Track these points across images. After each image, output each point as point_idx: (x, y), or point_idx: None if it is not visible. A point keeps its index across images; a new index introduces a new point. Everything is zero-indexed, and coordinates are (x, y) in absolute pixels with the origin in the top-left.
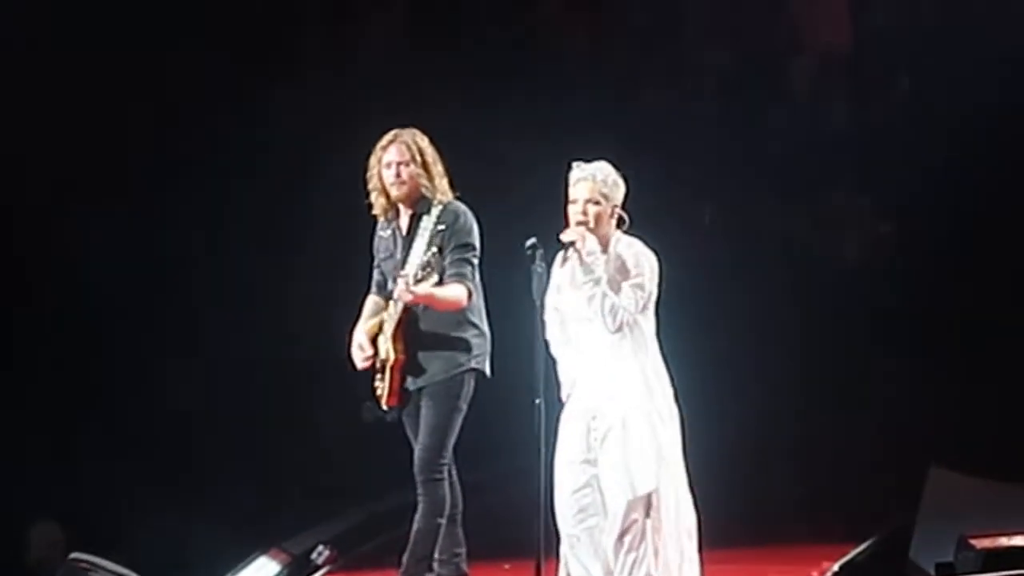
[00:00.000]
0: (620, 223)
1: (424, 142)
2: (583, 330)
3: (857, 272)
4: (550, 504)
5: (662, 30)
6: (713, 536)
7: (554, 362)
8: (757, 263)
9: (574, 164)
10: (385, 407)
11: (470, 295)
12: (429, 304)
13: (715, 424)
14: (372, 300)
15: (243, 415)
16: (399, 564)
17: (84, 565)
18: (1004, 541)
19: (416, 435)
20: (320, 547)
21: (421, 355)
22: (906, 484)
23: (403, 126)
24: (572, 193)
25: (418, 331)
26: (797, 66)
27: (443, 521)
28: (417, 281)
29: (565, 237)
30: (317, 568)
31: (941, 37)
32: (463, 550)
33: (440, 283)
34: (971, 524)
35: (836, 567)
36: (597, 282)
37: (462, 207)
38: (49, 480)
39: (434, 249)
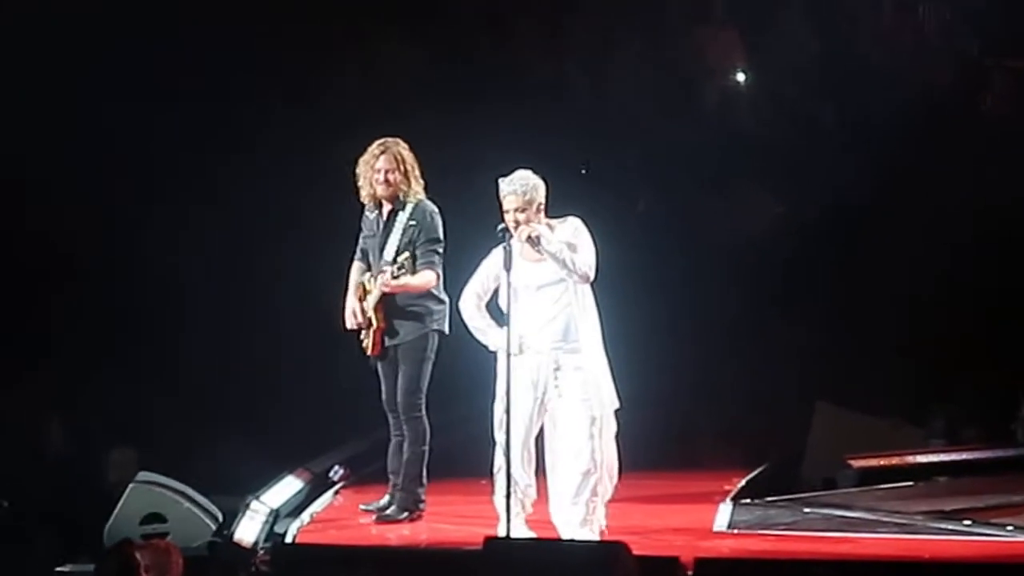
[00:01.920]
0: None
1: (407, 152)
2: (533, 296)
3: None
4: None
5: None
6: (643, 460)
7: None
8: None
9: (500, 180)
10: (370, 355)
11: (437, 278)
12: (405, 291)
13: (643, 369)
14: (356, 266)
15: (275, 364)
16: (389, 479)
17: (150, 481)
18: (875, 462)
19: (388, 380)
20: (336, 467)
21: (395, 321)
22: (797, 417)
23: (391, 135)
24: (504, 204)
25: (394, 304)
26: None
27: (426, 448)
28: (395, 277)
29: (522, 236)
30: (333, 484)
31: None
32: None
33: (413, 268)
34: (849, 448)
35: (743, 482)
36: (561, 251)
37: (431, 206)
38: (122, 410)
39: (408, 246)
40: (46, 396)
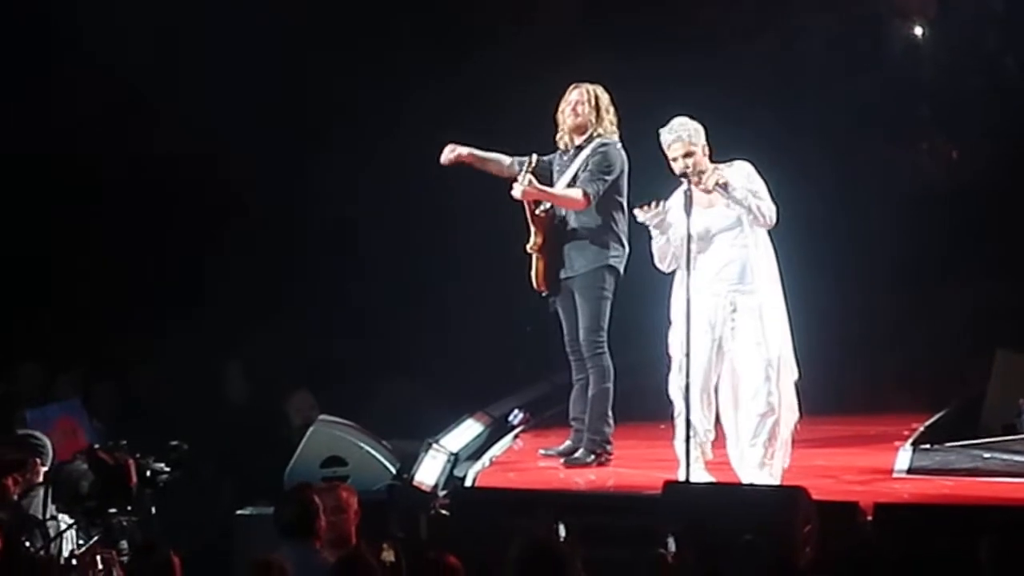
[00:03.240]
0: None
1: (601, 91)
2: (710, 241)
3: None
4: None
5: None
6: (824, 404)
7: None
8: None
9: (660, 130)
10: (540, 291)
11: (588, 200)
12: (547, 199)
13: (825, 315)
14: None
15: (455, 307)
16: (572, 424)
17: (331, 424)
18: None
19: (569, 318)
20: (516, 410)
21: (568, 249)
22: (979, 363)
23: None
24: (670, 152)
25: (565, 231)
26: None
27: (611, 386)
28: (560, 173)
29: (709, 183)
30: (513, 428)
31: None
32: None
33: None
34: None
35: (923, 427)
36: (747, 197)
37: (615, 142)
38: (302, 355)
39: (581, 166)
40: (226, 340)
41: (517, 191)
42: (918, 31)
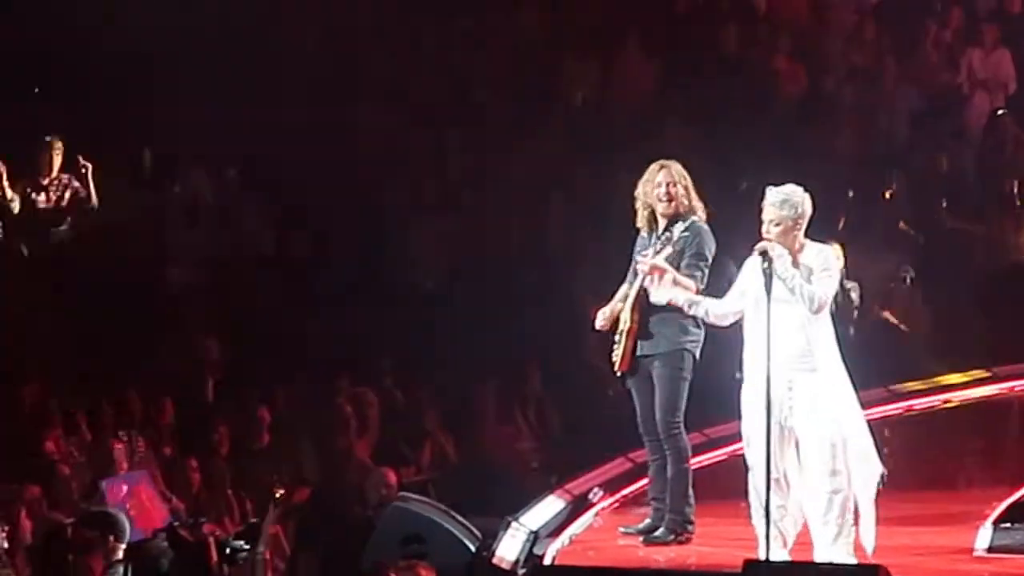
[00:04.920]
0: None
1: (684, 171)
2: (782, 312)
3: None
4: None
5: None
6: (906, 479)
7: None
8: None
9: (767, 189)
10: (618, 372)
11: (696, 291)
12: (665, 283)
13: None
14: (624, 287)
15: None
16: (651, 503)
17: (410, 500)
18: None
19: (644, 399)
20: (596, 488)
21: (652, 329)
22: None
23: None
24: (763, 215)
25: (652, 312)
26: None
27: (689, 467)
28: (656, 253)
29: (757, 249)
30: (593, 505)
31: None
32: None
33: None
34: None
35: (1004, 504)
36: (793, 276)
37: (706, 227)
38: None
39: (676, 257)
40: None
41: (649, 264)
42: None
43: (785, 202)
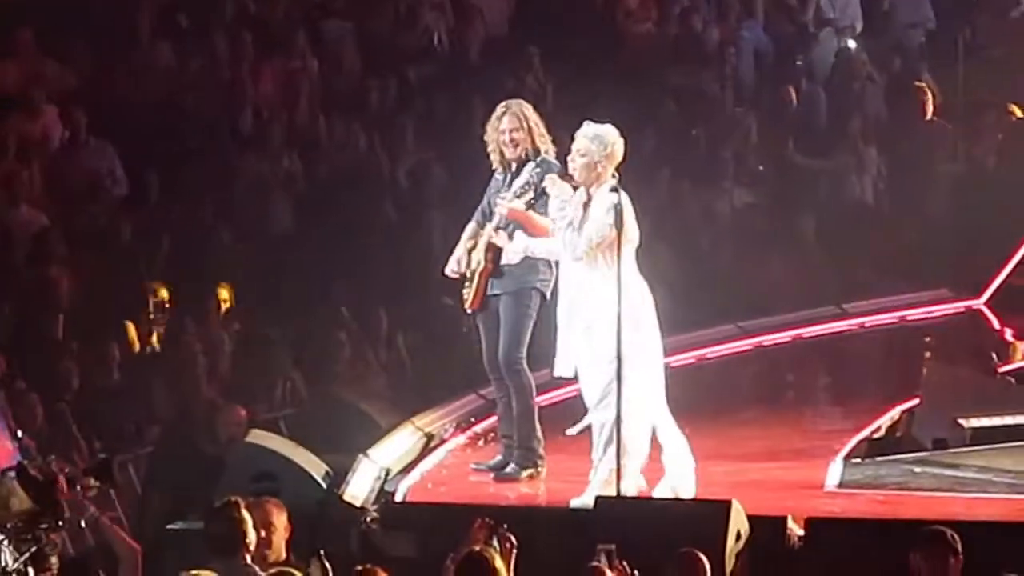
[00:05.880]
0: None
1: (530, 111)
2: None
3: None
4: None
5: None
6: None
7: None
8: None
9: (584, 122)
10: (469, 310)
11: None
12: (522, 221)
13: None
14: (470, 226)
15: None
16: (501, 440)
17: (262, 437)
18: (986, 421)
19: (490, 335)
20: (447, 424)
21: (503, 266)
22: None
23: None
24: (573, 145)
25: (504, 254)
26: None
27: (535, 403)
28: (516, 197)
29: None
30: (444, 441)
31: None
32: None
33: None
34: (959, 409)
35: (853, 441)
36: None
37: (556, 162)
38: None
39: (528, 188)
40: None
41: (507, 207)
42: None
43: (597, 137)
